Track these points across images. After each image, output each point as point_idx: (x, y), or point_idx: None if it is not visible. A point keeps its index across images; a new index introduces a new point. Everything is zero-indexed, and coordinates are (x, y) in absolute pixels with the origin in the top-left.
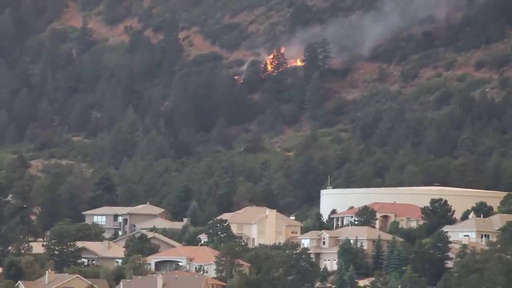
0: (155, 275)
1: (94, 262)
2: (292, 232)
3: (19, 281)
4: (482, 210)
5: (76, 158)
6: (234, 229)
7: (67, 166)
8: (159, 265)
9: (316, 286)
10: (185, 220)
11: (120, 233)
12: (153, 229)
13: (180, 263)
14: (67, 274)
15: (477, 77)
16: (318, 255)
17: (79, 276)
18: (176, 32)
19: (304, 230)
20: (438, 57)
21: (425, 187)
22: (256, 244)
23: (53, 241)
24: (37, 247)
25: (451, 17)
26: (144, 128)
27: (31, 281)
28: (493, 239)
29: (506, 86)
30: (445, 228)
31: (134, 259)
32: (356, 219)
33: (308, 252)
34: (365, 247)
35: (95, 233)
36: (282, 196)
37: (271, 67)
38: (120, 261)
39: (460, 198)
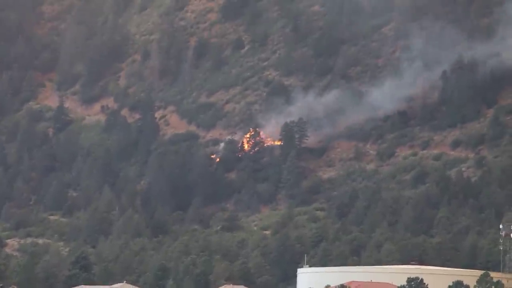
0: None
1: None
2: None
3: None
4: None
5: (53, 237)
6: None
7: (43, 245)
8: None
9: None
10: None
11: None
12: None
13: None
14: None
15: (453, 156)
16: None
17: None
18: (152, 112)
19: None
20: (414, 136)
21: (401, 265)
22: None
23: None
24: None
25: (427, 96)
26: (121, 207)
27: None
28: None
29: (482, 165)
30: None
31: None
32: None
33: None
34: None
35: None
36: (259, 274)
37: (248, 146)
38: None
39: (436, 276)
